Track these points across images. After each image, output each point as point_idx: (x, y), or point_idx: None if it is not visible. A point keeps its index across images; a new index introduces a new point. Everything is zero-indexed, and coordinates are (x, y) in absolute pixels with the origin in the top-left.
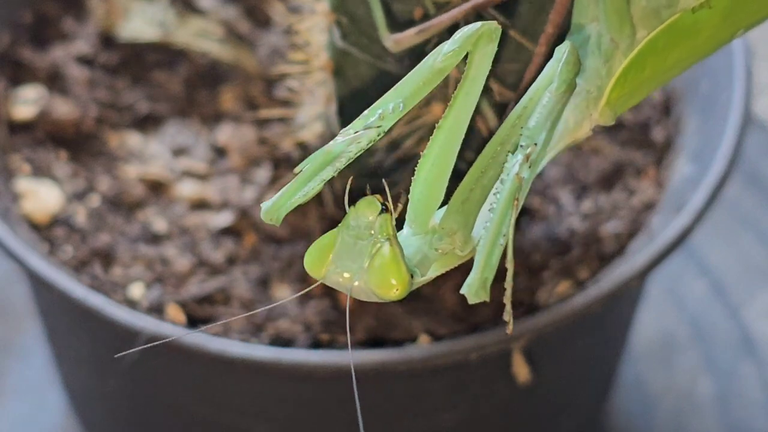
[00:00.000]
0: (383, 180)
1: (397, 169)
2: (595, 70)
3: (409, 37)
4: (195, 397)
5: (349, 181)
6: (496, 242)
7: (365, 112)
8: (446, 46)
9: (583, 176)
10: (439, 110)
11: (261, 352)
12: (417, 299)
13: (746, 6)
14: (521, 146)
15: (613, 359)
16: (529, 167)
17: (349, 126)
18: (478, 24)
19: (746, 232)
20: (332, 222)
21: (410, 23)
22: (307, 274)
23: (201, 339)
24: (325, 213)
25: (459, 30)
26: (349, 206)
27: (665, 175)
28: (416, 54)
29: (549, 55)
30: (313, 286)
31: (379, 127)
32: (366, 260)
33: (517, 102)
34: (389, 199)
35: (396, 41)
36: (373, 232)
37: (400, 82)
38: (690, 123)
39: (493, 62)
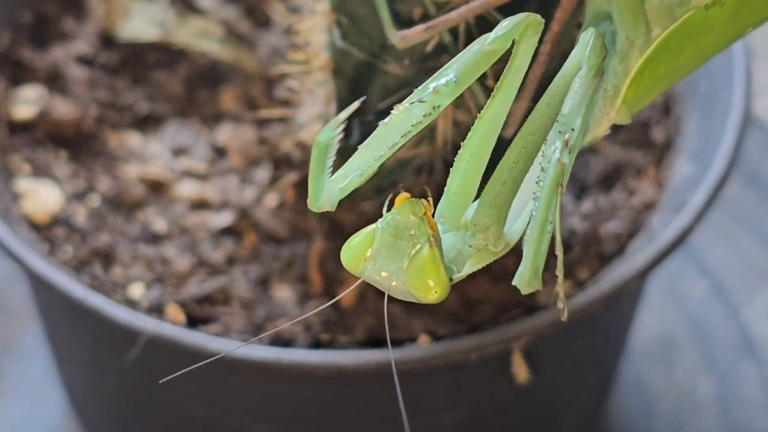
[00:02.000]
0: (384, 180)
1: (397, 169)
2: (612, 68)
3: (416, 33)
4: (195, 398)
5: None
6: (545, 230)
7: (418, 88)
8: (495, 31)
9: (583, 176)
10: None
11: (261, 352)
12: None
13: (756, 3)
14: (559, 132)
15: (613, 359)
16: (569, 152)
17: (404, 101)
18: (526, 14)
19: (746, 232)
20: (332, 222)
21: (410, 23)
22: (307, 275)
23: (201, 339)
24: (325, 213)
25: (507, 18)
26: (358, 204)
27: (665, 175)
28: (416, 54)
29: (554, 54)
30: (345, 293)
31: (433, 100)
32: (405, 261)
33: (527, 95)
34: (429, 200)
35: (403, 38)
36: (413, 232)
37: (450, 62)
38: (690, 123)
39: (498, 61)
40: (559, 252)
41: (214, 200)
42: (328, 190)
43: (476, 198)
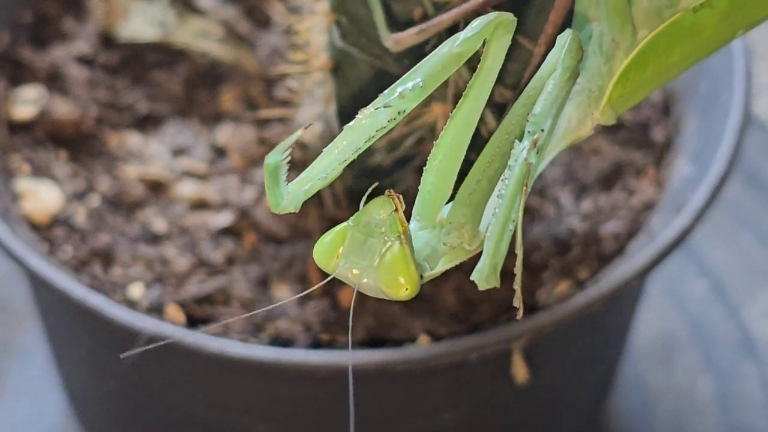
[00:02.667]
0: (383, 180)
1: (396, 169)
2: (597, 69)
3: (409, 36)
4: (195, 398)
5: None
6: (506, 228)
7: (385, 92)
8: (465, 32)
9: (583, 176)
10: (439, 110)
11: (261, 352)
12: (417, 299)
13: (746, 6)
14: (528, 132)
15: (613, 359)
16: (537, 153)
17: (370, 105)
18: (496, 13)
19: (746, 232)
20: (332, 222)
21: (409, 23)
22: (307, 275)
23: (201, 339)
24: (325, 213)
25: (477, 18)
26: (359, 204)
27: (665, 175)
28: (416, 54)
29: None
30: (314, 288)
31: (399, 105)
32: (376, 258)
33: (519, 95)
34: (399, 198)
35: (396, 41)
36: (383, 230)
37: (418, 65)
38: (690, 123)
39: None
40: (519, 251)
41: (214, 200)
42: (292, 192)
43: (452, 196)
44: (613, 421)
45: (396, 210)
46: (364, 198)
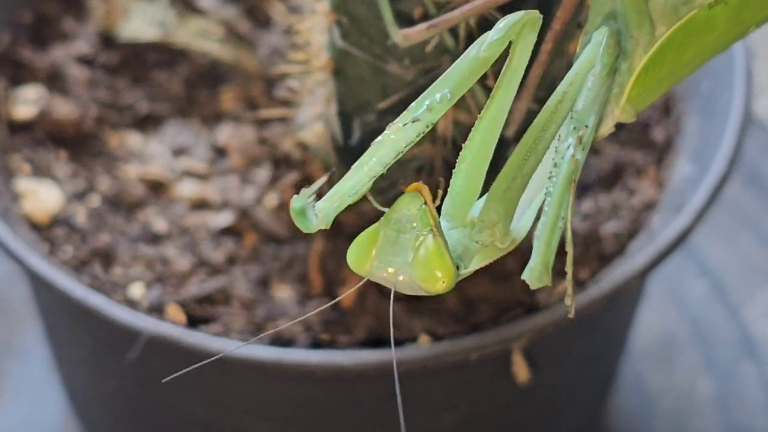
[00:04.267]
0: (383, 180)
1: (397, 169)
2: (617, 66)
3: (418, 32)
4: (195, 397)
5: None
6: (556, 226)
7: (411, 105)
8: (491, 35)
9: (583, 176)
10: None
11: (261, 352)
12: (417, 299)
13: (758, 2)
14: (573, 129)
15: (613, 359)
16: (582, 150)
17: (397, 119)
18: (522, 12)
19: (746, 232)
20: (333, 222)
21: (410, 23)
22: (307, 275)
23: (201, 339)
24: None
25: (503, 18)
26: (358, 204)
27: (665, 175)
28: (416, 54)
29: (556, 52)
30: (348, 292)
31: (427, 118)
32: (410, 254)
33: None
34: (428, 190)
35: (405, 36)
36: (415, 225)
37: (445, 73)
38: (690, 123)
39: (496, 60)
40: (569, 248)
41: (214, 200)
42: (322, 210)
43: (482, 194)
44: (613, 421)
45: (426, 203)
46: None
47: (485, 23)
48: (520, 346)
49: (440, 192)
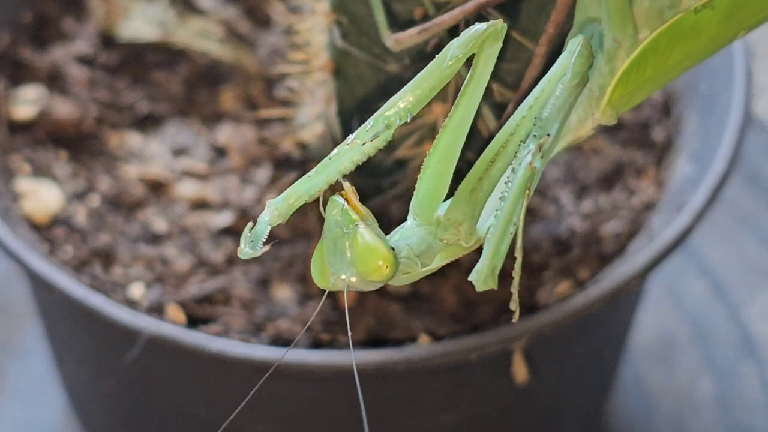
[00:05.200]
0: (383, 180)
1: (397, 169)
2: (598, 69)
3: (410, 36)
4: (195, 398)
5: (321, 196)
6: (507, 230)
7: (371, 120)
8: (453, 50)
9: (583, 176)
10: (439, 110)
11: (261, 352)
12: (417, 299)
13: (747, 7)
14: (534, 136)
15: (613, 359)
16: (541, 157)
17: (356, 133)
18: (484, 25)
19: (746, 232)
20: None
21: (410, 23)
22: (307, 275)
23: (201, 339)
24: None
25: (465, 31)
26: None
27: (665, 175)
28: (416, 54)
29: (549, 55)
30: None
31: (386, 135)
32: (348, 253)
33: (520, 98)
34: (349, 188)
35: (397, 40)
36: (343, 227)
37: (406, 86)
38: (690, 123)
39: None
40: (518, 254)
41: (214, 200)
42: (278, 208)
43: (449, 194)
44: (613, 421)
45: (348, 203)
46: (321, 207)
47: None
48: (520, 346)
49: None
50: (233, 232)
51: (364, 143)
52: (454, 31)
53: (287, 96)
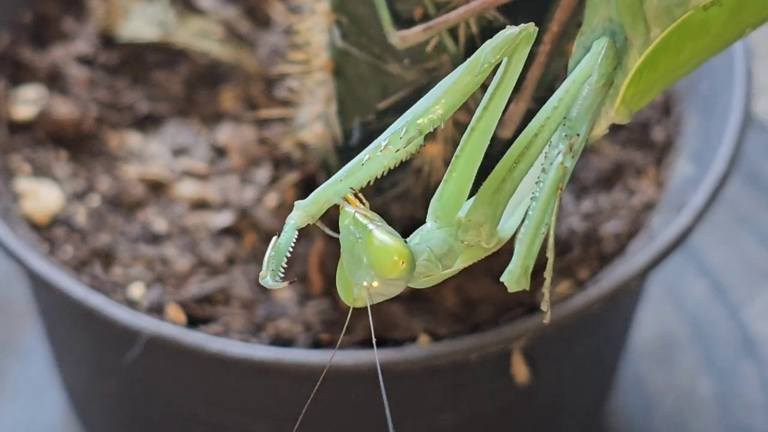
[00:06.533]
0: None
1: (397, 170)
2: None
3: (415, 33)
4: (195, 397)
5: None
6: (539, 231)
7: (403, 124)
8: (486, 54)
9: (583, 176)
10: None
11: (261, 352)
12: (417, 299)
13: (754, 3)
14: (565, 136)
15: (613, 359)
16: (572, 157)
17: (389, 139)
18: (517, 29)
19: (746, 232)
20: (332, 222)
21: (411, 23)
22: (307, 275)
23: (201, 339)
24: (324, 213)
25: (498, 34)
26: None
27: (665, 175)
28: (416, 54)
29: (553, 54)
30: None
31: (419, 141)
32: (364, 258)
33: (525, 96)
34: (355, 195)
35: (402, 38)
36: (357, 234)
37: (439, 90)
38: (690, 123)
39: None
40: (550, 254)
41: (214, 200)
42: (306, 209)
43: (470, 195)
44: (613, 422)
45: (355, 210)
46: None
47: (484, 23)
48: (520, 346)
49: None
50: (233, 232)
51: (397, 150)
52: (455, 32)
53: (287, 96)
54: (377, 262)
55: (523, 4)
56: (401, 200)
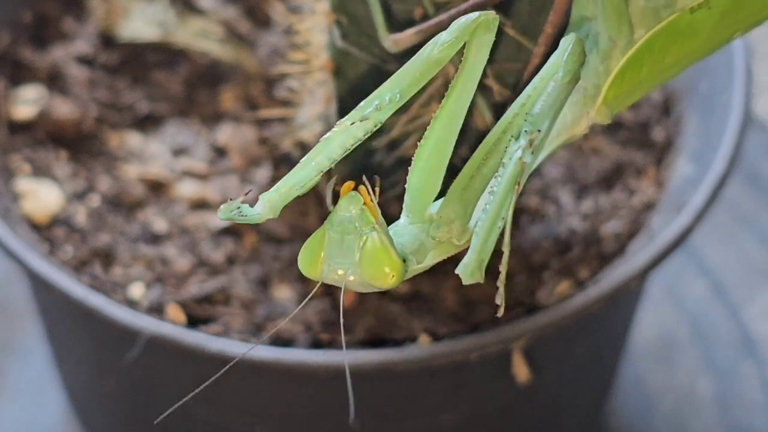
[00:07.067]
0: (384, 180)
1: (397, 169)
2: (593, 68)
3: (407, 37)
4: (195, 397)
5: (333, 180)
6: (495, 225)
7: (361, 103)
8: (443, 36)
9: (583, 176)
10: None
11: (261, 352)
12: (417, 299)
13: (745, 7)
14: (525, 132)
15: (613, 359)
16: (532, 153)
17: (345, 117)
18: (476, 14)
19: (746, 232)
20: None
21: (410, 23)
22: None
23: (201, 339)
24: (325, 213)
25: (456, 20)
26: (332, 204)
27: (665, 175)
28: (415, 54)
29: (548, 56)
30: (314, 290)
31: (376, 117)
32: (356, 253)
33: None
34: (369, 190)
35: (395, 41)
36: (357, 224)
37: (397, 72)
38: (690, 123)
39: (491, 61)
40: (506, 248)
41: (214, 200)
42: (271, 200)
43: (441, 191)
44: (613, 422)
45: (365, 202)
46: (329, 196)
47: None
48: (520, 346)
49: (377, 189)
50: (233, 233)
51: (353, 123)
52: None
53: (287, 96)
54: (369, 266)
55: (519, 5)
56: (401, 200)
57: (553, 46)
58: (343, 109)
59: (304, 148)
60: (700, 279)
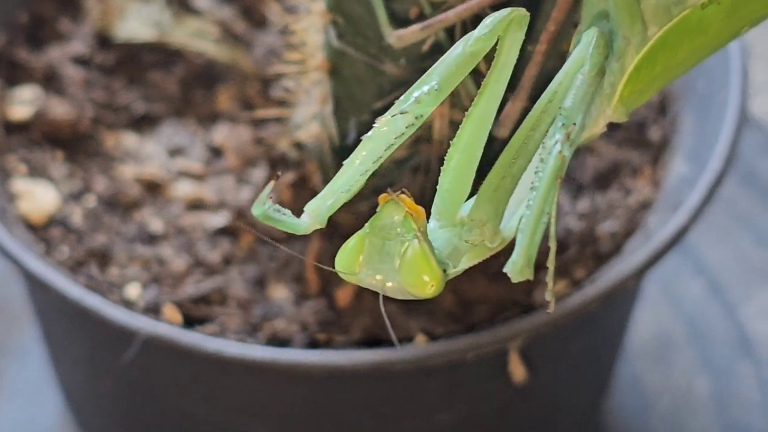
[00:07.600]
0: (381, 180)
1: (394, 170)
2: (608, 66)
3: (412, 33)
4: (192, 398)
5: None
6: (540, 220)
7: (401, 98)
8: (477, 31)
9: (580, 175)
10: (436, 110)
11: (258, 352)
12: (413, 299)
13: (752, 2)
14: (561, 126)
15: (610, 359)
16: (570, 146)
17: (386, 113)
18: (509, 9)
19: (743, 231)
20: (329, 222)
21: (406, 22)
22: (303, 275)
23: (198, 339)
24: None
25: (490, 15)
26: (357, 205)
27: (661, 174)
28: (412, 54)
29: (550, 54)
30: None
31: (416, 110)
32: (397, 260)
33: (522, 95)
34: (410, 196)
35: (399, 37)
36: (399, 231)
37: (433, 67)
38: (686, 122)
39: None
40: (552, 244)
41: (210, 200)
42: (317, 208)
43: (471, 194)
44: (610, 421)
45: (408, 209)
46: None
47: (480, 22)
48: (516, 345)
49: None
50: (229, 233)
51: (393, 115)
52: (452, 32)
53: (283, 96)
54: (409, 274)
55: (522, 3)
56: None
57: (554, 46)
58: (339, 109)
59: (301, 148)
60: (697, 278)
